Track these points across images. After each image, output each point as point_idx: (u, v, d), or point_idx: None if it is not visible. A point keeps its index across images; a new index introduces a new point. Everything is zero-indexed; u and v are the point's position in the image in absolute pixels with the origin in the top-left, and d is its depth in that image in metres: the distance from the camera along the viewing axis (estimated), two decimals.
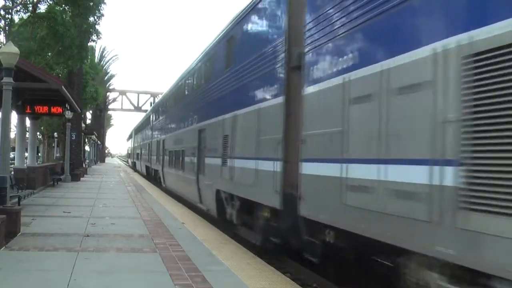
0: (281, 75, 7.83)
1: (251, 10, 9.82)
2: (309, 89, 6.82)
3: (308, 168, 6.75)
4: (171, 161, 20.39)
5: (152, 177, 29.50)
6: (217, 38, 12.92)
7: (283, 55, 7.79)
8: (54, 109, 21.29)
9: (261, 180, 8.42)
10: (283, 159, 7.56)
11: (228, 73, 11.17)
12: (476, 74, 3.89)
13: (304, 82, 7.00)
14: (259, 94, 8.89)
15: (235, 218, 10.42)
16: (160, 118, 27.26)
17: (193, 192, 14.83)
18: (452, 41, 4.15)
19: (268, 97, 8.41)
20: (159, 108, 28.46)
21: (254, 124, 8.90)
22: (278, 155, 7.67)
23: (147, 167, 33.67)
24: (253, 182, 8.78)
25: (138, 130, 46.44)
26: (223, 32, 12.22)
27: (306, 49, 6.99)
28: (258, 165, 8.55)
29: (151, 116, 32.72)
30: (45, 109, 20.93)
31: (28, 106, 20.13)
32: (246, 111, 9.57)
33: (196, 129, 14.80)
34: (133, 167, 52.10)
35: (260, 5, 9.30)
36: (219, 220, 11.98)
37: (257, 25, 9.58)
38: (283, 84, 7.75)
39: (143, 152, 38.19)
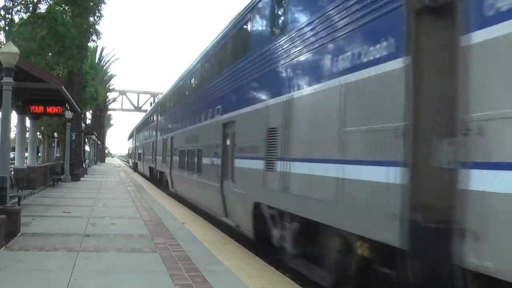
0: (398, 24, 4.89)
1: None
2: (497, 31, 3.77)
3: (493, 181, 3.73)
4: (183, 162, 17.39)
5: (157, 180, 26.70)
6: None
7: None
8: (54, 109, 21.30)
9: (352, 196, 5.54)
10: (410, 163, 4.58)
11: (277, 40, 8.07)
12: None
13: (471, 24, 4.04)
14: (344, 61, 5.84)
15: (290, 245, 7.53)
16: (168, 112, 23.75)
17: (215, 202, 12.02)
18: None
19: (364, 63, 5.40)
20: (167, 102, 24.61)
21: (334, 109, 5.94)
22: (397, 156, 4.71)
23: (151, 169, 30.34)
24: (333, 197, 5.89)
25: (141, 128, 42.60)
26: None
27: None
28: (345, 172, 5.61)
29: (156, 112, 29.06)
30: (45, 109, 20.94)
31: (28, 106, 20.14)
32: (314, 90, 6.56)
33: (220, 122, 11.74)
34: (135, 168, 48.92)
35: None
36: (257, 243, 9.39)
37: None
38: (403, 39, 4.79)
39: (146, 151, 34.67)
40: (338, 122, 5.87)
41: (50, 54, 23.35)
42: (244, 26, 10.47)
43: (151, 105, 54.31)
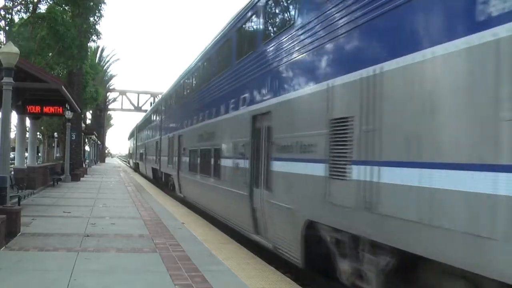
0: None
1: None
2: None
3: None
4: (194, 164, 15.01)
5: (162, 182, 24.20)
6: None
7: None
8: (54, 109, 21.32)
9: None
10: None
11: None
12: None
13: None
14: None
15: (376, 287, 5.30)
16: (175, 107, 20.84)
17: (241, 215, 9.78)
18: None
19: None
20: (173, 96, 21.59)
21: (482, 83, 3.79)
22: None
23: (154, 170, 27.95)
24: (488, 229, 3.65)
25: (143, 126, 39.81)
26: None
27: None
28: None
29: (161, 108, 26.27)
30: (45, 109, 20.95)
31: (28, 106, 20.15)
32: (432, 55, 4.24)
33: (249, 115, 9.30)
34: (135, 168, 46.66)
35: None
36: (307, 272, 7.36)
37: None
38: None
39: (148, 151, 32.15)
40: (488, 104, 3.68)
41: (50, 54, 23.36)
42: None
43: (151, 105, 53.79)
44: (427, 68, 4.34)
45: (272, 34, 8.51)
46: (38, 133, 34.96)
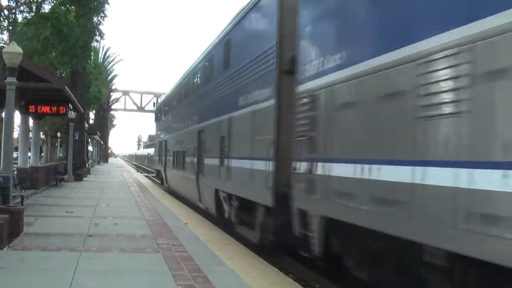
0: None
1: None
2: None
3: None
4: None
5: None
6: None
7: None
8: (57, 109, 21.31)
9: None
10: None
11: None
12: None
13: None
14: None
15: None
16: None
17: None
18: None
19: None
20: None
21: None
22: None
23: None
24: None
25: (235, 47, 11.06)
26: None
27: None
28: None
29: None
30: (48, 109, 20.95)
31: (31, 106, 20.16)
32: None
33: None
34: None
35: None
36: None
37: None
38: None
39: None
40: None
41: (53, 54, 23.39)
42: None
43: (154, 105, 53.06)
44: None
45: None
46: (41, 133, 35.01)
